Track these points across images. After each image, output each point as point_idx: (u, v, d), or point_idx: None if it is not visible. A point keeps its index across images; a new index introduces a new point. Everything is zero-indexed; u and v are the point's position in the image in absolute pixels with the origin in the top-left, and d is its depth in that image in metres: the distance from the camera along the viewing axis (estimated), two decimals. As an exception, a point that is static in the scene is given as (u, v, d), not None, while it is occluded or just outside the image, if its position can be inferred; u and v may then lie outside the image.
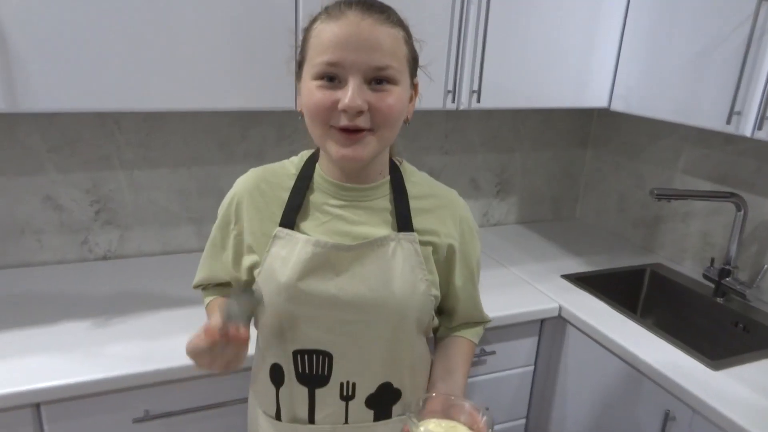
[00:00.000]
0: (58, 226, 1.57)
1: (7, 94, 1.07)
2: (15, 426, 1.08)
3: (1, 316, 1.30)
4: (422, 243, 0.91)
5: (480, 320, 1.09)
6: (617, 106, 1.61)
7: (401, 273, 0.88)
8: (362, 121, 0.78)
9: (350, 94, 0.76)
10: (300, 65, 0.84)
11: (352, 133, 0.79)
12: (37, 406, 1.10)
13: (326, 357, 0.90)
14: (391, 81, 0.79)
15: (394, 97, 0.79)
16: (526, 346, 1.56)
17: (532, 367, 1.59)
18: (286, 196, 0.90)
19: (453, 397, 0.88)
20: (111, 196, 1.60)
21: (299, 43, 0.86)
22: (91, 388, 1.10)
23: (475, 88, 1.44)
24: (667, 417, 1.22)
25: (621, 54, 1.58)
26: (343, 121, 0.78)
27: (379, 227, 0.89)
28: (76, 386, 1.09)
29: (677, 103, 1.43)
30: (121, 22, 1.13)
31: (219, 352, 0.78)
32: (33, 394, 1.07)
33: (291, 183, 0.91)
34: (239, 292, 0.92)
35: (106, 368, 1.12)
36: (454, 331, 1.05)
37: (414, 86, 0.87)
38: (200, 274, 1.04)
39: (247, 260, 0.93)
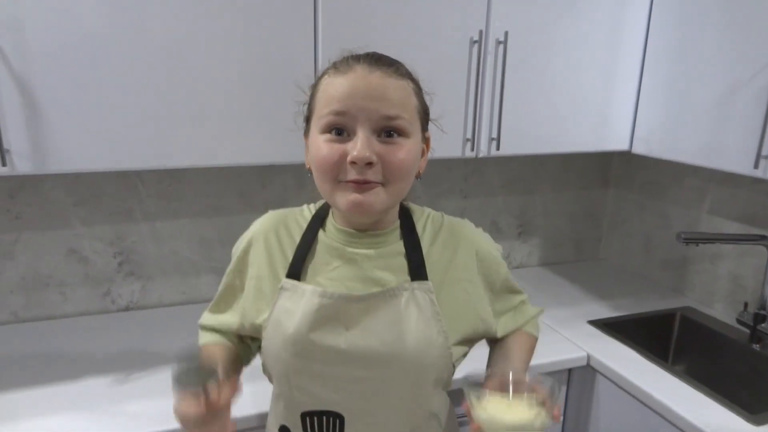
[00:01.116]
0: (82, 278, 1.59)
1: (36, 156, 1.10)
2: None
3: (23, 372, 1.30)
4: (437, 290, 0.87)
5: (531, 317, 1.05)
6: (639, 149, 1.59)
7: (416, 325, 0.83)
8: (372, 174, 0.75)
9: (359, 145, 0.74)
10: (307, 120, 0.84)
11: (361, 183, 0.76)
12: (58, 468, 1.08)
13: (337, 419, 0.85)
14: (401, 133, 0.77)
15: (405, 150, 0.77)
16: (554, 396, 1.50)
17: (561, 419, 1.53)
18: (296, 242, 0.89)
19: (512, 373, 0.82)
20: (133, 247, 1.62)
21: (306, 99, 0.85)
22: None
23: (494, 135, 1.44)
24: (707, 476, 1.16)
25: (640, 97, 1.57)
26: (352, 175, 0.75)
27: (392, 274, 0.86)
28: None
29: (700, 145, 1.40)
30: (144, 84, 1.16)
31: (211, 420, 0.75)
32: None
33: (303, 229, 0.90)
34: (187, 357, 0.80)
35: (125, 428, 1.10)
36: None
37: (426, 140, 0.86)
38: (209, 320, 1.00)
39: (260, 312, 0.89)
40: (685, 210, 1.83)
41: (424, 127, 0.84)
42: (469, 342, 0.93)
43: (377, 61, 0.77)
